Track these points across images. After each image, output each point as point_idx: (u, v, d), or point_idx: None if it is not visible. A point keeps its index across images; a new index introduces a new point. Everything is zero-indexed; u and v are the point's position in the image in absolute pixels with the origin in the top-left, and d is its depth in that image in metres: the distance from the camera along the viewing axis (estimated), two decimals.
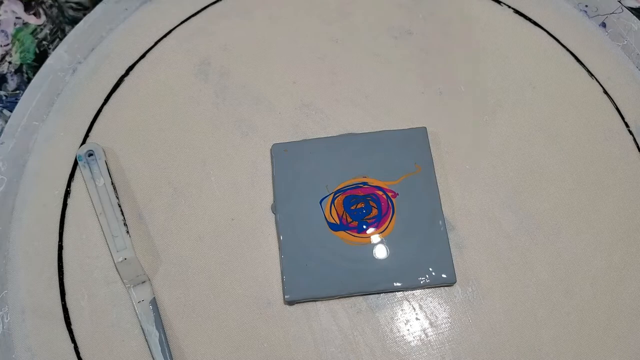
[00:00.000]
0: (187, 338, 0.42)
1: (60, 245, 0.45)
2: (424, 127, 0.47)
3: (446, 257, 0.43)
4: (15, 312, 0.44)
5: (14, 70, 0.53)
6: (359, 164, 0.46)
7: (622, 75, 0.50)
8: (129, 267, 0.43)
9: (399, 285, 0.42)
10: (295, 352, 0.42)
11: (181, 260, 0.45)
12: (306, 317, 0.43)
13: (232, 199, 0.46)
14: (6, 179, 0.47)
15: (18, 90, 0.52)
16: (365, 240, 0.43)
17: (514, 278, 0.43)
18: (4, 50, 0.54)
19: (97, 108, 0.50)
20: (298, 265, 0.43)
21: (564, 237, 0.45)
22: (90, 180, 0.46)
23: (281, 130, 0.48)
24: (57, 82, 0.51)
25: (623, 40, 0.51)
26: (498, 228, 0.45)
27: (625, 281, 0.43)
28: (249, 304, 0.43)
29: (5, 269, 0.45)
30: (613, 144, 0.47)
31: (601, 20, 0.52)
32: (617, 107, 0.49)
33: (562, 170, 0.47)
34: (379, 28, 0.52)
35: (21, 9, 0.55)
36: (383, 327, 0.42)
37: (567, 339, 0.42)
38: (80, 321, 0.43)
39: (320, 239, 0.43)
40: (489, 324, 0.42)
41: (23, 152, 0.48)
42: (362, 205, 0.45)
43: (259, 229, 0.45)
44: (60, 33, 0.54)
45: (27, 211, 0.46)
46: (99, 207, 0.45)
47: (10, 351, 0.42)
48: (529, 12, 0.52)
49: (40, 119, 0.49)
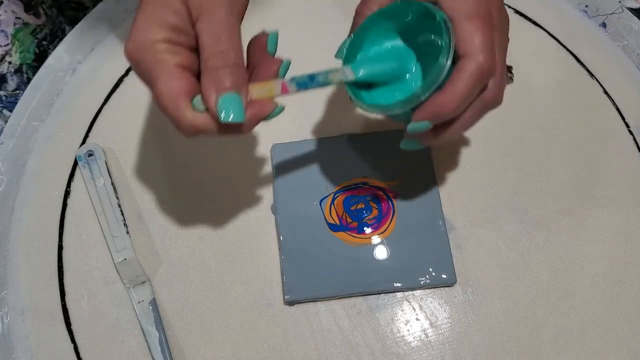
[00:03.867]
0: (187, 338, 0.42)
1: (60, 245, 0.45)
2: None
3: (446, 258, 0.43)
4: (15, 312, 0.44)
5: (14, 70, 0.53)
6: (359, 164, 0.46)
7: (622, 75, 0.50)
8: (129, 267, 0.43)
9: (399, 286, 0.42)
10: (295, 352, 0.42)
11: (181, 260, 0.45)
12: (306, 317, 0.43)
13: (232, 199, 0.46)
14: (6, 179, 0.47)
15: (18, 90, 0.52)
16: (366, 240, 0.43)
17: (514, 278, 0.43)
18: (4, 50, 0.54)
19: (97, 108, 0.50)
20: (298, 265, 0.43)
21: (564, 237, 0.45)
22: (90, 180, 0.46)
23: (281, 130, 0.48)
24: (57, 82, 0.51)
25: (623, 40, 0.51)
26: (498, 228, 0.45)
27: (625, 281, 0.43)
28: (249, 304, 0.43)
29: (5, 269, 0.45)
30: (613, 144, 0.47)
31: (601, 21, 0.52)
32: (617, 107, 0.49)
33: (562, 170, 0.47)
34: None
35: (21, 9, 0.55)
36: (383, 328, 0.42)
37: (567, 339, 0.42)
38: (80, 321, 0.43)
39: (320, 239, 0.43)
40: (489, 324, 0.42)
41: (23, 152, 0.48)
42: (362, 206, 0.45)
43: (259, 229, 0.45)
44: (60, 33, 0.54)
45: (27, 211, 0.46)
46: (99, 207, 0.45)
47: (10, 351, 0.42)
48: (529, 12, 0.52)
49: (40, 119, 0.49)
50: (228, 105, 0.30)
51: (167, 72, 0.31)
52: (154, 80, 0.31)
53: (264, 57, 0.34)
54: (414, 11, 0.34)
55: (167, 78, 0.31)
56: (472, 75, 0.31)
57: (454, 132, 0.34)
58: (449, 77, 0.32)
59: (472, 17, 0.31)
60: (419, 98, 0.32)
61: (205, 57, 0.31)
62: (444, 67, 0.31)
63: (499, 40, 0.33)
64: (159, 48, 0.31)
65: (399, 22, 0.35)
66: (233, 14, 0.32)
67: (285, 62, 0.34)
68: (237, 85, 0.31)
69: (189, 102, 0.31)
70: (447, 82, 0.31)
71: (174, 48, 0.31)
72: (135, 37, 0.31)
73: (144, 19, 0.31)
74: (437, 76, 0.31)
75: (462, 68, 0.31)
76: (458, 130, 0.34)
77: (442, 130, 0.34)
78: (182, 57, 0.31)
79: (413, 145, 0.36)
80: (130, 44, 0.31)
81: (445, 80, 0.32)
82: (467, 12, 0.32)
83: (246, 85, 0.32)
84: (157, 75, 0.31)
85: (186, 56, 0.32)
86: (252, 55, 0.35)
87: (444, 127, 0.34)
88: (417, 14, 0.34)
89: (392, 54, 0.36)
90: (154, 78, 0.31)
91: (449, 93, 0.31)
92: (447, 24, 0.32)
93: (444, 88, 0.31)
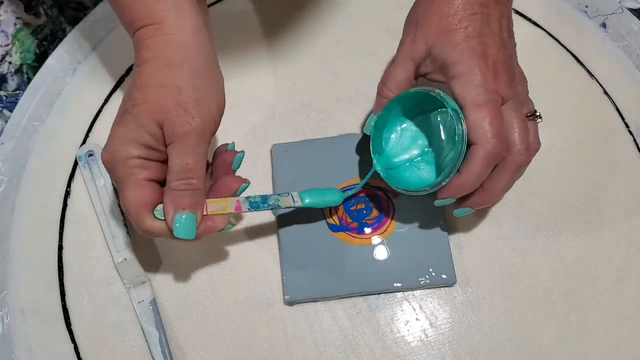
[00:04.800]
0: (187, 338, 0.42)
1: (60, 245, 0.45)
2: None
3: (446, 258, 0.43)
4: (15, 312, 0.44)
5: (14, 70, 0.53)
6: (359, 164, 0.46)
7: (622, 75, 0.50)
8: (129, 268, 0.43)
9: (399, 286, 0.42)
10: (295, 352, 0.42)
11: (181, 260, 0.45)
12: (306, 317, 0.43)
13: None
14: (6, 179, 0.47)
15: (18, 91, 0.52)
16: (365, 241, 0.43)
17: (514, 278, 0.43)
18: (4, 50, 0.54)
19: (97, 108, 0.50)
20: (298, 265, 0.43)
21: (564, 237, 0.45)
22: (90, 180, 0.46)
23: (281, 130, 0.48)
24: (57, 82, 0.51)
25: (623, 40, 0.51)
26: (498, 228, 0.45)
27: (625, 281, 0.43)
28: (249, 304, 0.43)
29: (5, 269, 0.45)
30: (613, 144, 0.47)
31: (601, 21, 0.52)
32: (617, 107, 0.49)
33: (562, 171, 0.47)
34: (379, 28, 0.52)
35: (21, 9, 0.55)
36: (383, 328, 0.42)
37: (567, 339, 0.42)
38: (80, 321, 0.43)
39: (320, 239, 0.43)
40: (489, 324, 0.42)
41: (23, 152, 0.48)
42: (362, 206, 0.45)
43: (259, 230, 0.45)
44: (60, 33, 0.54)
45: (27, 211, 0.46)
46: (99, 207, 0.45)
47: (10, 351, 0.42)
48: (529, 12, 0.52)
49: (40, 119, 0.49)
50: (183, 223, 0.35)
51: (135, 184, 0.35)
52: (122, 189, 0.35)
53: (227, 172, 0.38)
54: (430, 100, 0.39)
55: (134, 189, 0.35)
56: (484, 160, 0.36)
57: (490, 200, 0.39)
58: (464, 158, 0.37)
59: (480, 105, 0.36)
60: (440, 184, 0.38)
61: (170, 179, 0.35)
62: (460, 157, 0.36)
63: (516, 107, 0.37)
64: (131, 164, 0.35)
65: (415, 102, 0.41)
66: (203, 141, 0.35)
67: (245, 184, 0.38)
68: (194, 207, 0.35)
69: (149, 212, 0.35)
70: (462, 166, 0.37)
71: (144, 163, 0.35)
72: (111, 150, 0.35)
73: (120, 136, 0.35)
74: (454, 165, 0.37)
75: (475, 154, 0.36)
76: (495, 197, 0.39)
77: (470, 196, 0.39)
78: (150, 171, 0.35)
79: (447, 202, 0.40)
80: (105, 155, 0.35)
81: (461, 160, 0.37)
82: (476, 100, 0.36)
83: (202, 205, 0.36)
84: (125, 185, 0.35)
85: (155, 169, 0.36)
86: (217, 168, 0.39)
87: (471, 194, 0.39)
88: (433, 101, 0.38)
89: (409, 133, 0.43)
90: (123, 187, 0.35)
91: (465, 176, 0.36)
92: (459, 114, 0.36)
93: (460, 171, 0.37)
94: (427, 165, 0.42)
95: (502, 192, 0.39)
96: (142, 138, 0.34)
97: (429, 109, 0.42)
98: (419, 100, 0.40)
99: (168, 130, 0.34)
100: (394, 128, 0.43)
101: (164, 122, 0.34)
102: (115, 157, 0.34)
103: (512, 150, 0.37)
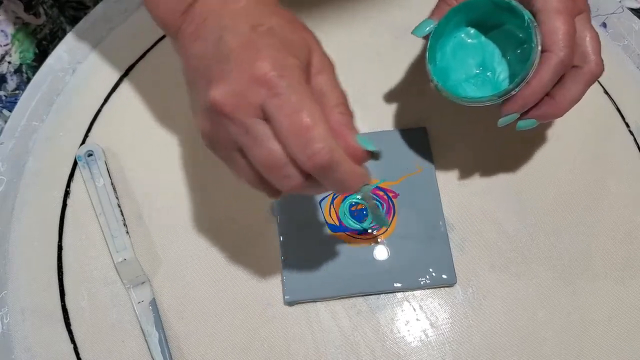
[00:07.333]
0: (187, 338, 0.42)
1: (60, 245, 0.45)
2: (424, 127, 0.47)
3: (446, 258, 0.43)
4: (15, 312, 0.44)
5: (14, 70, 0.53)
6: None
7: (622, 75, 0.50)
8: (129, 268, 0.43)
9: (399, 286, 0.42)
10: (295, 352, 0.42)
11: (181, 260, 0.44)
12: (306, 317, 0.43)
13: (232, 200, 0.46)
14: (6, 179, 0.47)
15: (18, 90, 0.52)
16: (366, 241, 0.43)
17: (514, 278, 0.43)
18: (4, 50, 0.54)
19: (97, 108, 0.50)
20: (298, 266, 0.43)
21: (564, 237, 0.45)
22: (90, 181, 0.46)
23: None
24: (57, 82, 0.50)
25: (623, 40, 0.51)
26: (498, 228, 0.45)
27: (625, 281, 0.43)
28: (249, 305, 0.43)
29: (5, 269, 0.45)
30: (613, 144, 0.47)
31: (601, 21, 0.52)
32: (617, 107, 0.49)
33: (562, 170, 0.47)
34: (379, 28, 0.52)
35: (21, 9, 0.55)
36: (383, 328, 0.42)
37: (567, 339, 0.42)
38: (80, 321, 0.43)
39: (320, 240, 0.43)
40: (489, 324, 0.42)
41: (23, 153, 0.48)
42: (362, 207, 0.45)
43: (259, 230, 0.45)
44: (60, 33, 0.54)
45: (27, 211, 0.46)
46: (99, 207, 0.45)
47: (10, 351, 0.42)
48: None
49: (40, 119, 0.49)
50: (366, 141, 0.32)
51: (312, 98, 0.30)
52: (300, 101, 0.29)
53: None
54: (495, 13, 0.37)
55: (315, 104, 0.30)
56: (555, 68, 0.35)
57: (559, 112, 0.38)
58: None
59: (560, 12, 0.35)
60: (510, 93, 0.36)
61: (335, 108, 0.32)
62: (533, 66, 0.35)
63: (588, 19, 0.37)
64: (297, 74, 0.30)
65: (478, 13, 0.39)
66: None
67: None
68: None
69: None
70: (532, 76, 0.36)
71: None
72: (271, 59, 0.29)
73: (271, 45, 0.30)
74: (528, 73, 0.35)
75: (547, 62, 0.35)
76: (564, 109, 0.38)
77: (536, 108, 0.38)
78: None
79: (522, 123, 0.39)
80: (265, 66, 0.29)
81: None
82: (557, 7, 0.35)
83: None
84: (302, 97, 0.29)
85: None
86: None
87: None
88: (501, 9, 0.37)
89: (467, 46, 0.41)
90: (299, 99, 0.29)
91: (534, 85, 0.36)
92: (533, 23, 0.36)
93: (530, 81, 0.36)
94: (482, 83, 0.41)
95: (572, 103, 0.38)
96: (297, 52, 0.30)
97: (490, 25, 0.40)
98: (484, 12, 0.39)
99: (322, 60, 0.32)
100: (450, 40, 0.41)
101: (312, 52, 0.31)
102: (281, 64, 0.29)
103: (588, 60, 0.36)
